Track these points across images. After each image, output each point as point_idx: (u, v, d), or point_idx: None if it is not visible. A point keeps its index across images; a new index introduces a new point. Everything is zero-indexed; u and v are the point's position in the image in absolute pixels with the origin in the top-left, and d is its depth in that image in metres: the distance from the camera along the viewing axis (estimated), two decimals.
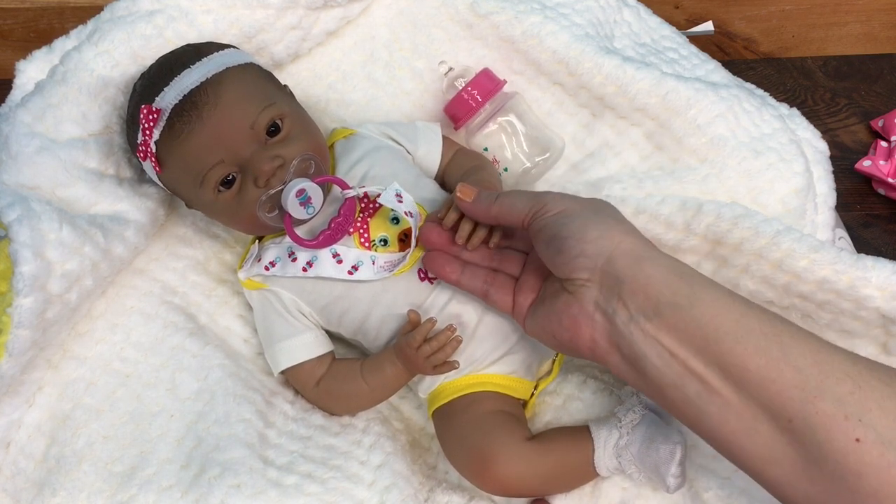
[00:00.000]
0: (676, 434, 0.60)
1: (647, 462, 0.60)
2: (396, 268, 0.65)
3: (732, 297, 0.50)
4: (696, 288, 0.51)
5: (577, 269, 0.54)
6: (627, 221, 0.57)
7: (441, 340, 0.63)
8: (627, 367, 0.53)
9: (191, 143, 0.62)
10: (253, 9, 0.73)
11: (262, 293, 0.69)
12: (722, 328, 0.48)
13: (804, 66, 1.07)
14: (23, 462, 0.61)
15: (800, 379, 0.46)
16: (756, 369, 0.47)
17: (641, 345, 0.51)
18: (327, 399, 0.69)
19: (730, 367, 0.48)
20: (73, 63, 0.67)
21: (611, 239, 0.54)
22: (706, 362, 0.49)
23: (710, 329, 0.49)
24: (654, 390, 0.52)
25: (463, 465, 0.64)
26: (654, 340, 0.50)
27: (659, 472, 0.60)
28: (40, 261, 0.56)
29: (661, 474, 0.59)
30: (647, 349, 0.51)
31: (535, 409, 0.71)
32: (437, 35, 0.81)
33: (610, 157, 0.78)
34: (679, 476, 0.60)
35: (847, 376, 0.46)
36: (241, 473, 0.60)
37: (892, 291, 0.64)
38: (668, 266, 0.52)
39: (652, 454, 0.60)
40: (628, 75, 0.74)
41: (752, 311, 0.49)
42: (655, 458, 0.60)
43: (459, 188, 0.62)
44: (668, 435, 0.60)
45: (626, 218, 0.58)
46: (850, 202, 0.92)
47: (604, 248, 0.53)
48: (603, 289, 0.53)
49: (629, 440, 0.61)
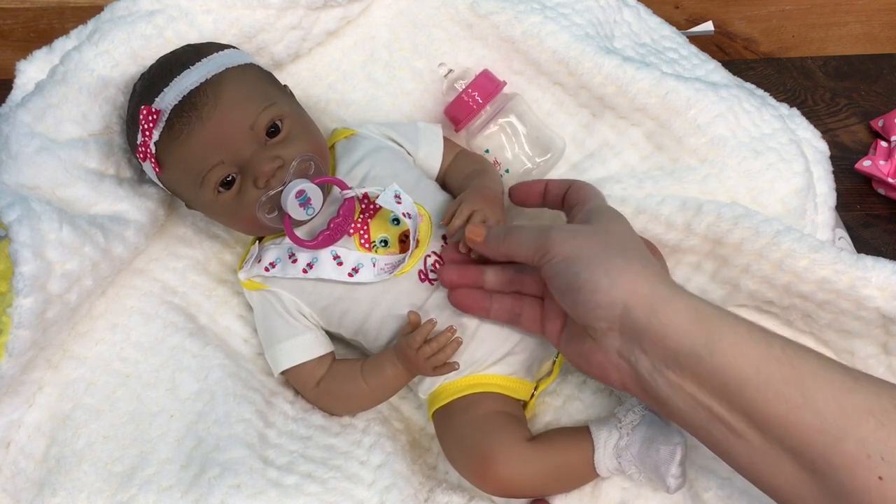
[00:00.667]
0: (677, 435, 0.60)
1: (647, 462, 0.60)
2: (397, 269, 0.65)
3: (752, 337, 0.51)
4: (714, 334, 0.51)
5: (595, 320, 0.54)
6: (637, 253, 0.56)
7: (441, 342, 0.63)
8: (657, 406, 0.54)
9: (190, 144, 0.62)
10: (253, 9, 0.73)
11: (263, 294, 0.69)
12: (742, 376, 0.49)
13: (804, 66, 1.07)
14: (23, 462, 0.61)
15: (821, 423, 0.47)
16: (777, 416, 0.48)
17: (667, 390, 0.52)
18: (327, 399, 0.69)
19: (752, 414, 0.49)
20: (73, 63, 0.67)
21: (623, 287, 0.53)
22: (729, 408, 0.50)
23: (730, 377, 0.49)
24: (684, 427, 0.54)
25: (463, 465, 0.64)
26: (678, 387, 0.52)
27: (659, 473, 0.60)
28: (40, 261, 0.56)
29: (662, 475, 0.60)
30: (673, 394, 0.52)
31: (535, 409, 0.71)
32: (437, 35, 0.81)
33: (610, 157, 0.78)
34: (679, 476, 0.60)
35: (870, 414, 0.46)
36: (241, 473, 0.60)
37: (893, 291, 0.64)
38: (685, 311, 0.52)
39: (652, 455, 0.60)
40: (628, 75, 0.74)
41: (772, 352, 0.50)
42: (656, 458, 0.60)
43: (469, 229, 0.62)
44: (669, 435, 0.60)
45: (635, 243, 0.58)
46: (850, 202, 0.92)
47: (618, 298, 0.53)
48: (624, 337, 0.54)
49: (629, 441, 0.61)
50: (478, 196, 0.67)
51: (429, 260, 0.67)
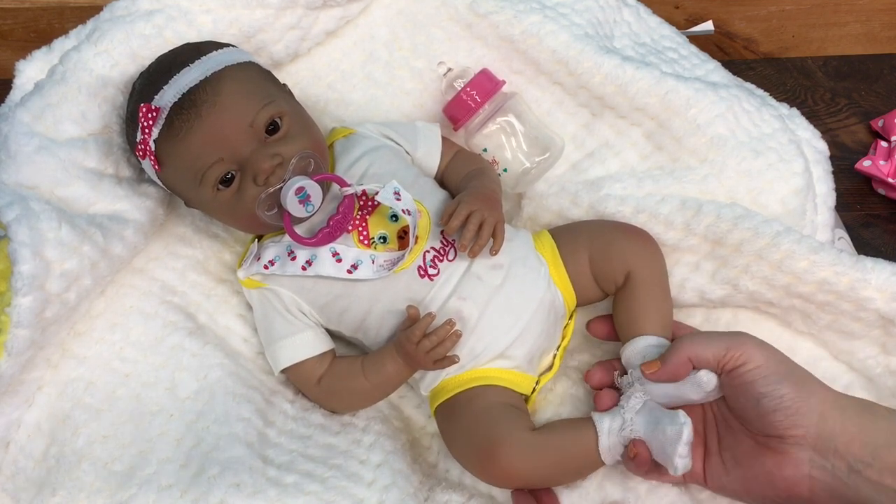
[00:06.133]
0: (682, 415, 0.59)
1: (653, 444, 0.59)
2: (396, 266, 0.65)
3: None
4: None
5: (793, 427, 0.55)
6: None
7: (440, 335, 0.63)
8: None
9: (190, 142, 0.62)
10: (252, 9, 0.73)
11: (262, 292, 0.69)
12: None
13: (804, 66, 1.07)
14: (22, 461, 0.61)
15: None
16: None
17: (868, 491, 0.53)
18: (329, 397, 0.69)
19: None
20: (72, 63, 0.68)
21: (818, 395, 0.56)
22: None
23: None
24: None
25: (467, 458, 0.64)
26: (878, 485, 0.52)
27: (665, 453, 0.58)
28: (39, 260, 0.56)
29: (668, 455, 0.58)
30: (874, 494, 0.53)
31: (536, 404, 0.71)
32: (437, 35, 0.81)
33: (610, 157, 0.78)
34: (686, 456, 0.58)
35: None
36: (240, 472, 0.60)
37: (892, 293, 0.64)
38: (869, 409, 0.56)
39: (658, 436, 0.59)
40: (628, 75, 0.74)
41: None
42: (662, 439, 0.58)
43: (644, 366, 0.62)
44: (674, 417, 0.59)
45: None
46: (850, 202, 0.92)
47: (815, 406, 0.55)
48: (818, 446, 0.55)
49: (633, 424, 0.61)
50: (476, 196, 0.67)
51: (428, 256, 0.67)
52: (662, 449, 0.58)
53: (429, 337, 0.63)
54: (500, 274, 0.67)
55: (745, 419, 0.58)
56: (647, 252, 0.69)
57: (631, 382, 0.64)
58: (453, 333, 0.64)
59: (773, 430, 0.56)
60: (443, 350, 0.63)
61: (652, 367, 0.61)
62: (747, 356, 0.57)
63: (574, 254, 0.70)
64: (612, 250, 0.69)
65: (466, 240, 0.64)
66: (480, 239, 0.65)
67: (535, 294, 0.67)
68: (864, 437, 0.53)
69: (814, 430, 0.55)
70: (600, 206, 0.73)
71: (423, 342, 0.63)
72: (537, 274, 0.69)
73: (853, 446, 0.53)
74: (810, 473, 0.55)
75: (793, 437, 0.55)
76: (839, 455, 0.54)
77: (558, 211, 0.75)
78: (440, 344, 0.63)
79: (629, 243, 0.69)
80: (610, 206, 0.72)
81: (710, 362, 0.59)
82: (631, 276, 0.67)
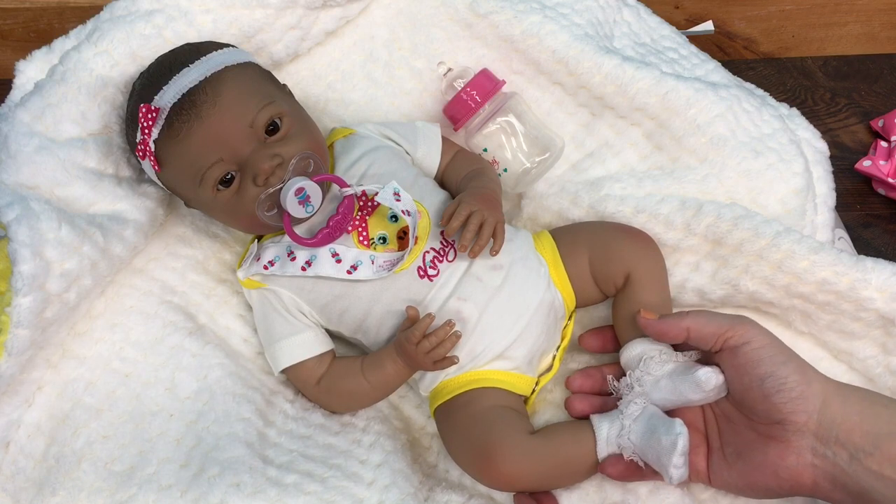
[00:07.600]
0: (679, 425, 0.59)
1: (649, 453, 0.60)
2: (395, 266, 0.65)
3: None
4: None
5: (795, 412, 0.55)
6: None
7: (440, 335, 0.63)
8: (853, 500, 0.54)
9: (190, 142, 0.63)
10: (252, 8, 0.73)
11: (262, 292, 0.69)
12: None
13: (804, 66, 1.07)
14: (22, 461, 0.61)
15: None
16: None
17: (869, 481, 0.53)
18: (328, 397, 0.69)
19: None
20: (72, 63, 0.68)
21: (820, 382, 0.55)
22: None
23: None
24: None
25: (466, 460, 0.64)
26: (878, 475, 0.52)
27: (661, 463, 0.59)
28: (39, 260, 0.56)
29: (664, 465, 0.58)
30: (875, 483, 0.52)
31: (536, 405, 0.71)
32: (437, 35, 0.81)
33: (609, 157, 0.78)
34: (681, 467, 0.58)
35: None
36: (240, 472, 0.60)
37: (892, 293, 0.64)
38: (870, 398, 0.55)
39: (654, 445, 0.59)
40: (628, 75, 0.74)
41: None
42: (657, 448, 0.59)
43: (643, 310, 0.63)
44: (671, 426, 0.59)
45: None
46: (850, 202, 0.92)
47: (817, 391, 0.55)
48: (819, 433, 0.54)
49: (631, 431, 0.61)
50: (476, 197, 0.67)
51: (427, 256, 0.67)
52: (658, 458, 0.59)
53: (428, 338, 0.63)
54: (500, 274, 0.67)
55: (747, 402, 0.58)
56: (646, 254, 0.69)
57: (630, 385, 0.64)
58: (453, 334, 0.64)
59: (776, 412, 0.55)
60: (442, 351, 0.63)
61: (650, 315, 0.62)
62: (751, 335, 0.57)
63: (574, 255, 0.70)
64: (611, 252, 0.69)
65: (467, 240, 0.64)
66: (481, 239, 0.65)
67: (535, 295, 0.67)
68: (865, 425, 0.53)
69: (815, 416, 0.54)
70: (600, 206, 0.73)
71: (423, 343, 0.63)
72: (537, 274, 0.69)
73: (854, 435, 0.53)
74: (812, 462, 0.55)
75: (794, 423, 0.55)
76: (840, 443, 0.53)
77: (558, 211, 0.75)
78: (440, 345, 0.63)
79: (629, 245, 0.69)
80: (610, 206, 0.72)
81: (709, 337, 0.59)
82: (631, 277, 0.68)
